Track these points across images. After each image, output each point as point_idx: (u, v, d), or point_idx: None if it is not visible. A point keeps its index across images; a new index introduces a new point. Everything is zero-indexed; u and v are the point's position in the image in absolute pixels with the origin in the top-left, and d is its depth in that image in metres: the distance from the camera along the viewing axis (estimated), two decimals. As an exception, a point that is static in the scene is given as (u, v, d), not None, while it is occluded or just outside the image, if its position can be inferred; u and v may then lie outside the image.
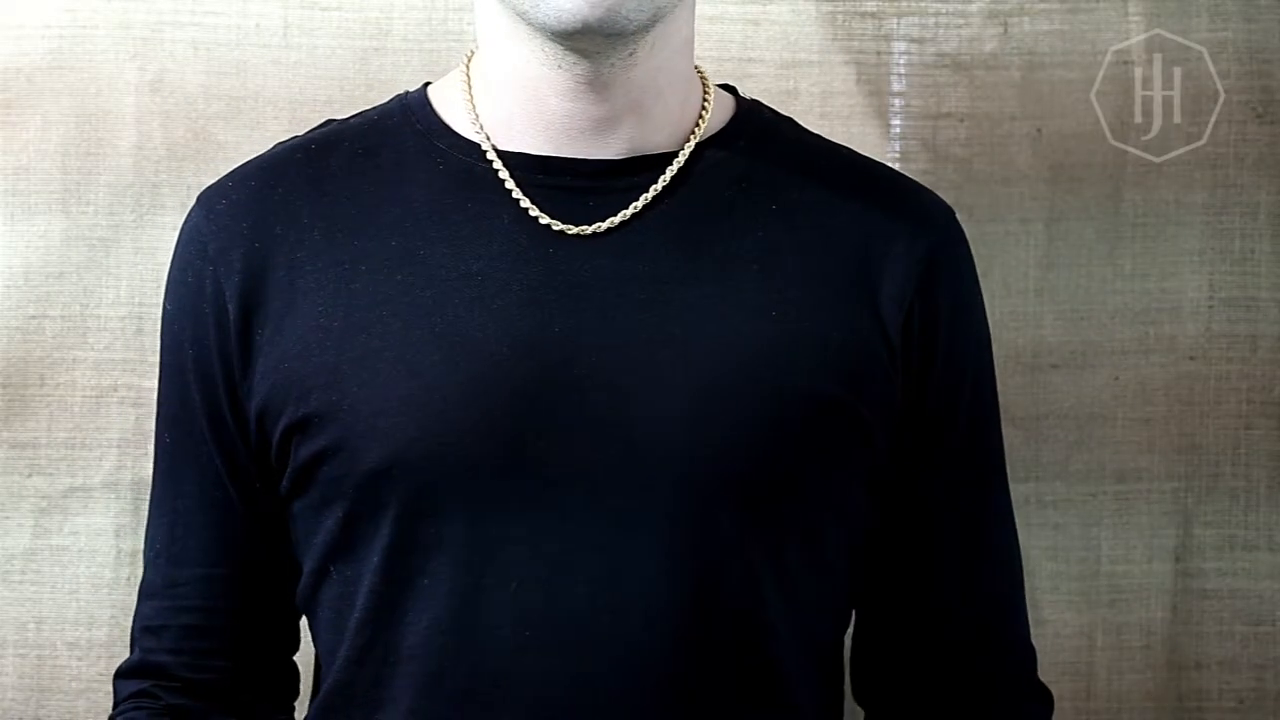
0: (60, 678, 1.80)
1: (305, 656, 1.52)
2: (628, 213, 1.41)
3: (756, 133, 1.48)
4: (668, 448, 1.37)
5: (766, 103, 1.52)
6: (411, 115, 1.47)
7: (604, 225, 1.41)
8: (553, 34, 1.37)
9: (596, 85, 1.40)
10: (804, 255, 1.42)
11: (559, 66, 1.39)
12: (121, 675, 1.50)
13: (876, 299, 1.42)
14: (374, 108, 1.51)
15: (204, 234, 1.45)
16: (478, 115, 1.44)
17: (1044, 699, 1.54)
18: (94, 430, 1.79)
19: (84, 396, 1.79)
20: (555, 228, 1.41)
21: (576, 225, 1.41)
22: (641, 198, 1.42)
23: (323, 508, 1.42)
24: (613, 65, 1.39)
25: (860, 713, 1.56)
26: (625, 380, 1.37)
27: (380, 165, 1.45)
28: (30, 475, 1.80)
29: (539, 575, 1.37)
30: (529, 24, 1.38)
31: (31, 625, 1.80)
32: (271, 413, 1.42)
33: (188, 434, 1.47)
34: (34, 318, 1.79)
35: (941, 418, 1.46)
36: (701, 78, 1.48)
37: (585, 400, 1.37)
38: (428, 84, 1.50)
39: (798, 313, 1.40)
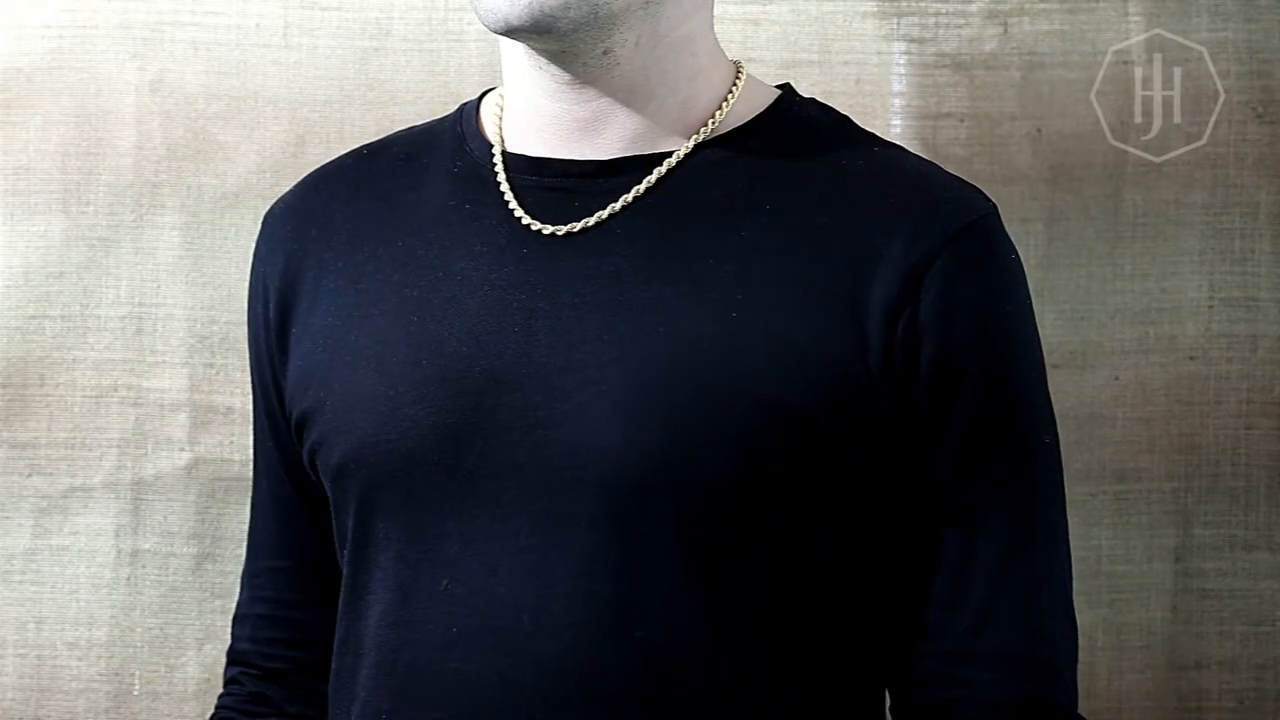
0: (60, 678, 1.80)
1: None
2: (604, 213, 1.40)
3: (780, 132, 1.44)
4: (598, 449, 1.35)
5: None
6: (460, 120, 1.48)
7: (578, 225, 1.41)
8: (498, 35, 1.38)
9: (575, 85, 1.40)
10: (790, 257, 1.38)
11: (539, 68, 1.40)
12: (226, 660, 1.55)
13: (865, 303, 1.37)
14: (450, 113, 1.52)
15: (261, 239, 1.50)
16: (501, 119, 1.45)
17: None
18: (94, 430, 1.79)
19: (84, 396, 1.79)
20: (534, 227, 1.41)
21: (554, 225, 1.41)
22: (622, 198, 1.41)
23: (330, 501, 1.45)
24: (587, 65, 1.39)
25: None
26: (568, 380, 1.36)
27: (413, 169, 1.47)
28: (30, 475, 1.80)
29: (469, 573, 1.37)
30: None
31: (31, 625, 1.80)
32: (291, 409, 1.45)
33: (260, 432, 1.52)
34: (34, 318, 1.79)
35: (937, 425, 1.39)
36: (736, 76, 1.45)
37: (526, 399, 1.37)
38: (490, 90, 1.50)
39: (764, 315, 1.37)
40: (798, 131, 1.45)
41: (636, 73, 1.40)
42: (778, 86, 1.47)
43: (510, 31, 1.36)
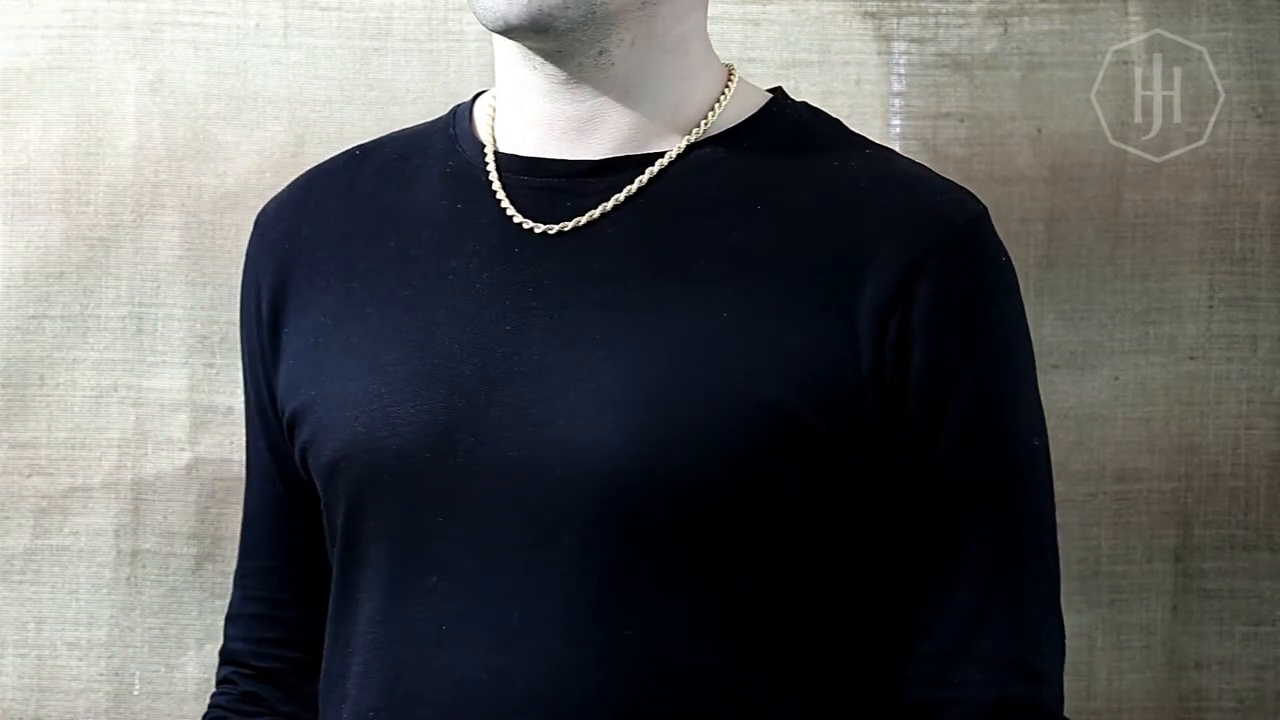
0: (60, 678, 1.80)
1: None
2: (596, 212, 1.40)
3: (771, 134, 1.45)
4: (591, 446, 1.35)
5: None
6: (453, 121, 1.49)
7: (570, 225, 1.41)
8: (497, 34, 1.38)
9: (570, 85, 1.40)
10: (782, 259, 1.38)
11: (534, 67, 1.40)
12: (220, 659, 1.55)
13: (855, 305, 1.37)
14: (444, 114, 1.52)
15: (253, 238, 1.50)
16: (494, 119, 1.46)
17: None
18: (94, 430, 1.79)
19: (84, 396, 1.79)
20: (526, 226, 1.41)
21: (546, 224, 1.41)
22: (613, 198, 1.41)
23: (321, 500, 1.45)
24: (582, 65, 1.39)
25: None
26: (560, 378, 1.36)
27: (405, 170, 1.47)
28: (30, 475, 1.80)
29: (459, 570, 1.37)
30: None
31: (31, 625, 1.80)
32: (283, 408, 1.45)
33: (252, 432, 1.52)
34: (34, 318, 1.79)
35: (929, 427, 1.39)
36: (729, 78, 1.45)
37: (518, 397, 1.37)
38: (483, 91, 1.50)
39: (756, 316, 1.37)
40: (789, 134, 1.45)
41: (631, 73, 1.41)
42: (770, 90, 1.48)
43: (508, 30, 1.37)
